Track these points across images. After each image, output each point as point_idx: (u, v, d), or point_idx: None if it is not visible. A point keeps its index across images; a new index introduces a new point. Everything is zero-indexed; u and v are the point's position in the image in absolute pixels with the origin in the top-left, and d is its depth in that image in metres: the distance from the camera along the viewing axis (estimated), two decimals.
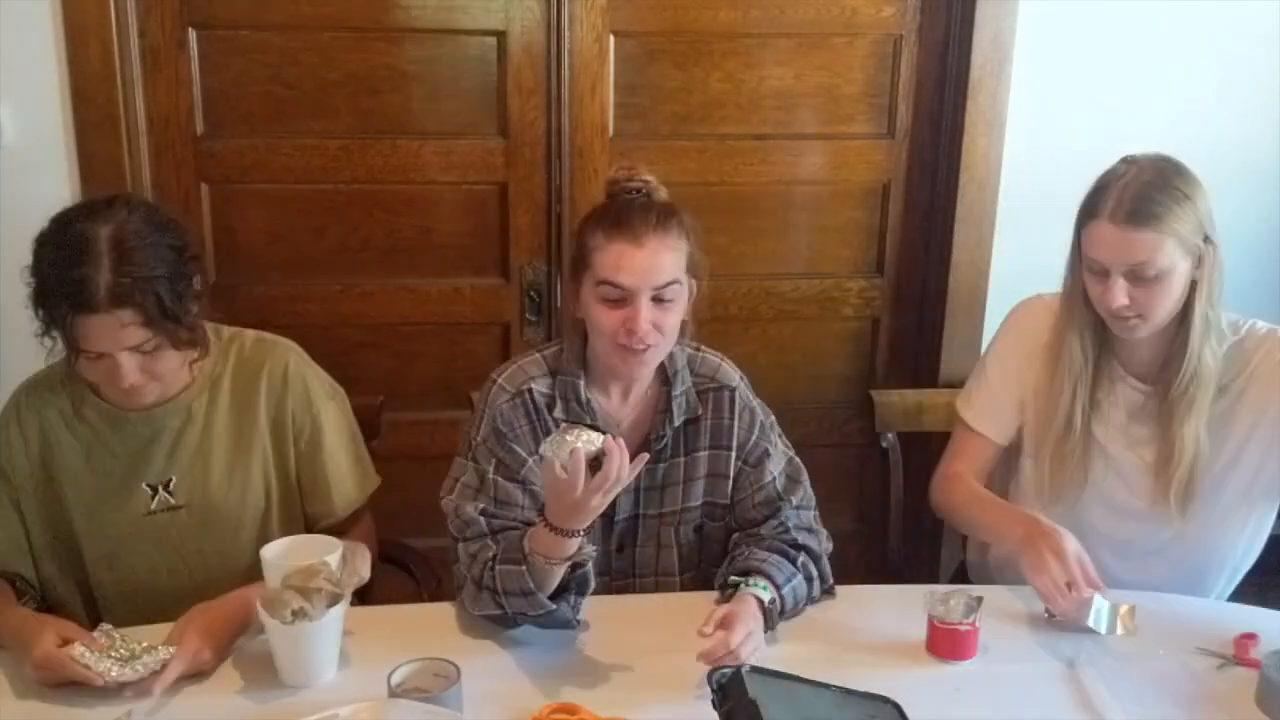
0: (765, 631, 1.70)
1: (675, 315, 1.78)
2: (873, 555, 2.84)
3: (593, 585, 1.70)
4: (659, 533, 1.90)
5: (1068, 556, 1.71)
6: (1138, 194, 1.75)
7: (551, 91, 2.59)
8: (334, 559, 1.57)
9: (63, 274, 1.57)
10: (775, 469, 1.91)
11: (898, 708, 1.52)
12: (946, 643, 1.68)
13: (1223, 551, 1.97)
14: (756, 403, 1.93)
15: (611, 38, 2.58)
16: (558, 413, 1.81)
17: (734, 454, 1.90)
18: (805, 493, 1.93)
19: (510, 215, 2.66)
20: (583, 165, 2.65)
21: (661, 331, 1.75)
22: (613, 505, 1.79)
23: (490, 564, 1.67)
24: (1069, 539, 1.73)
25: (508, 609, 1.66)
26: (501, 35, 2.55)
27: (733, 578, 1.77)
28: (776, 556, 1.80)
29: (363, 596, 1.81)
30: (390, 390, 2.25)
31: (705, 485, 1.91)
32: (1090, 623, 1.73)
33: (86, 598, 1.83)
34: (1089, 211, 1.79)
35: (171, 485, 1.78)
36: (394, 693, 1.46)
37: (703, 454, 1.89)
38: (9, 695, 1.54)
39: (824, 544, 1.89)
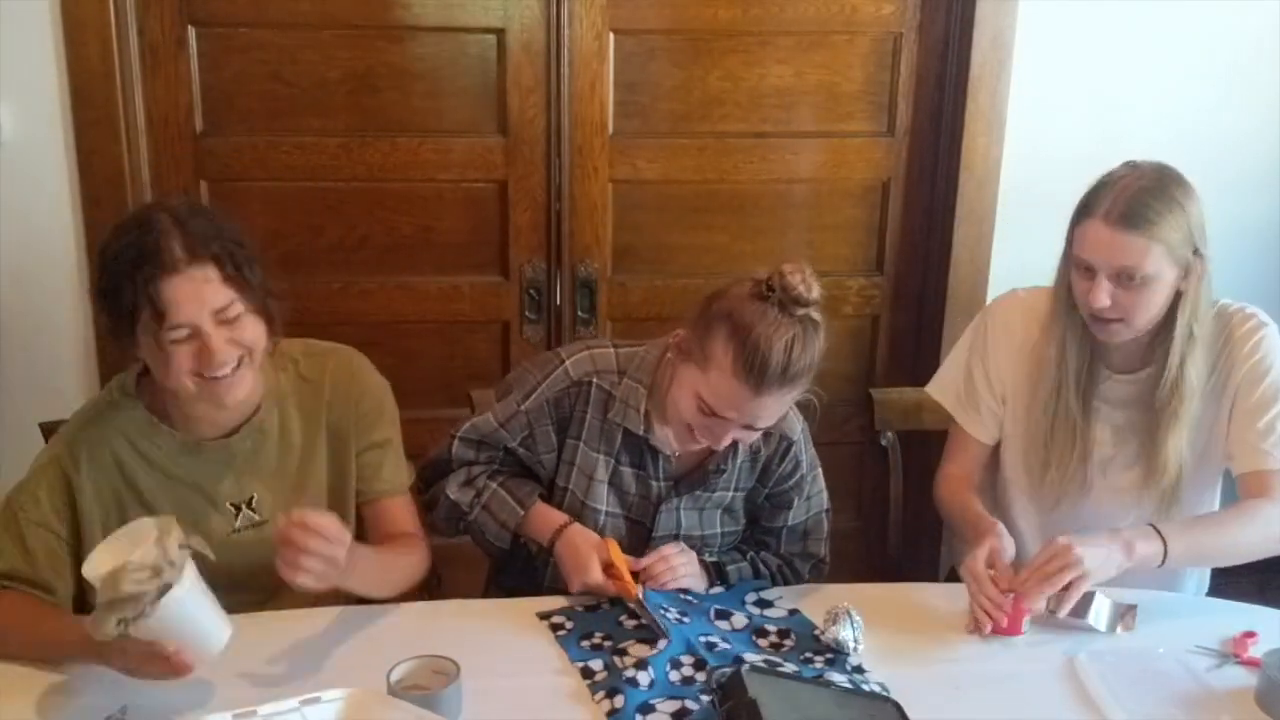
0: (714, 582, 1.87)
1: (759, 434, 1.80)
2: (872, 553, 2.85)
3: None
4: (701, 554, 1.91)
5: (973, 576, 1.73)
6: (1134, 197, 1.74)
7: (551, 89, 2.58)
8: (142, 550, 1.43)
9: (136, 245, 1.57)
10: (792, 519, 1.94)
11: (898, 707, 1.53)
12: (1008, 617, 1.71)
13: None
14: (807, 456, 1.94)
15: (611, 35, 2.58)
16: (613, 414, 1.83)
17: (766, 490, 1.93)
18: (806, 549, 1.97)
19: (510, 213, 2.66)
20: (582, 163, 2.64)
21: (739, 442, 1.79)
22: (652, 521, 1.88)
23: (489, 477, 1.89)
24: (974, 558, 1.75)
25: (472, 515, 1.89)
26: (501, 33, 2.54)
27: None
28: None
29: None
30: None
31: (743, 514, 1.95)
32: (1090, 621, 1.74)
33: None
34: (1084, 210, 1.79)
35: (254, 502, 1.76)
36: (393, 690, 1.46)
37: (750, 490, 1.93)
38: (7, 691, 1.54)
39: (794, 581, 1.94)
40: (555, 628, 1.72)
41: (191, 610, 1.45)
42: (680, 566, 1.80)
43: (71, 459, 1.68)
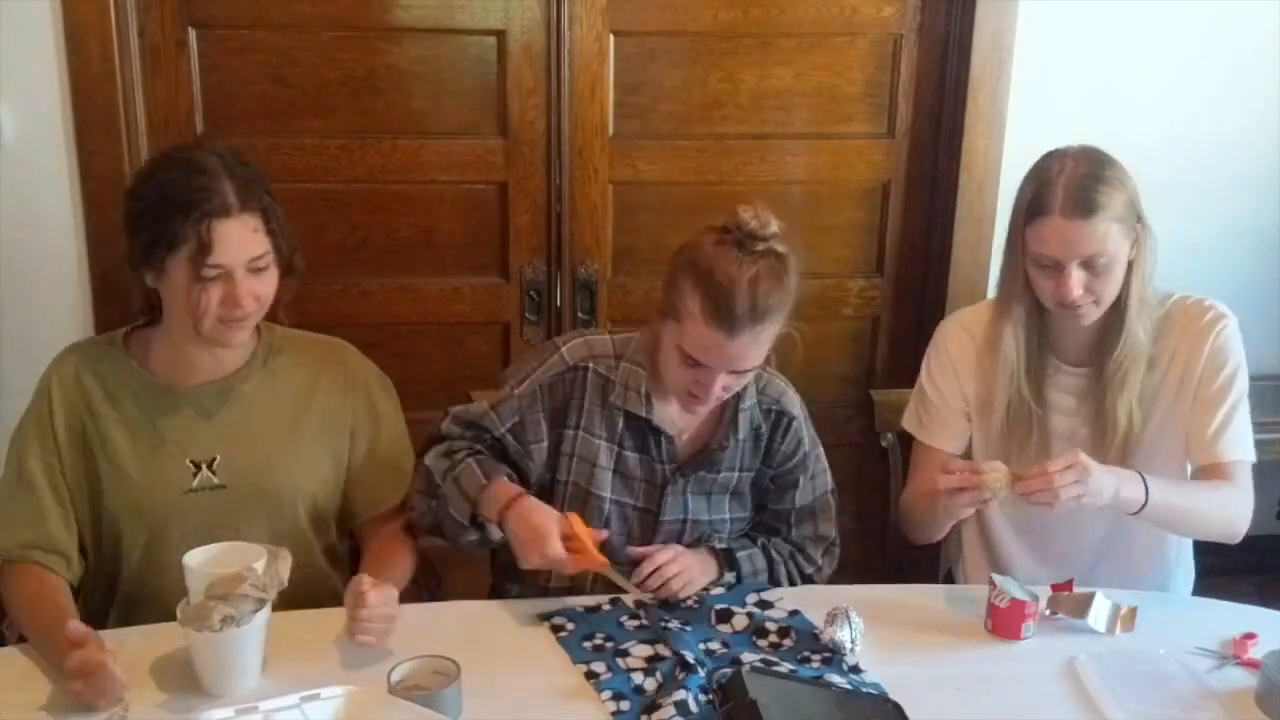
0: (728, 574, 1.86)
1: (750, 376, 1.79)
2: (871, 555, 2.84)
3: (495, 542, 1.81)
4: (710, 539, 1.90)
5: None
6: (1080, 186, 1.78)
7: (551, 91, 2.59)
8: (259, 565, 1.56)
9: (187, 184, 1.64)
10: (799, 500, 1.94)
11: (898, 708, 1.53)
12: (1006, 621, 1.73)
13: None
14: (808, 433, 1.95)
15: (611, 37, 2.58)
16: (614, 398, 1.82)
17: (770, 471, 1.93)
18: (817, 530, 1.97)
19: (510, 215, 2.66)
20: (582, 165, 2.65)
21: (730, 390, 1.78)
22: (659, 505, 1.86)
23: (469, 454, 1.81)
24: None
25: (444, 487, 1.79)
26: (501, 35, 2.55)
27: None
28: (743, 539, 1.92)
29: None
30: None
31: (750, 498, 1.94)
32: (1090, 622, 1.74)
33: (105, 595, 1.84)
34: (1034, 210, 1.82)
35: (215, 464, 1.79)
36: (394, 690, 1.47)
37: (754, 472, 1.92)
38: (9, 689, 1.54)
39: (807, 568, 1.94)
40: (556, 629, 1.72)
41: (263, 636, 1.55)
42: (676, 577, 1.76)
43: (49, 381, 1.78)
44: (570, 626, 1.72)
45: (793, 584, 1.91)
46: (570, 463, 1.85)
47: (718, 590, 1.84)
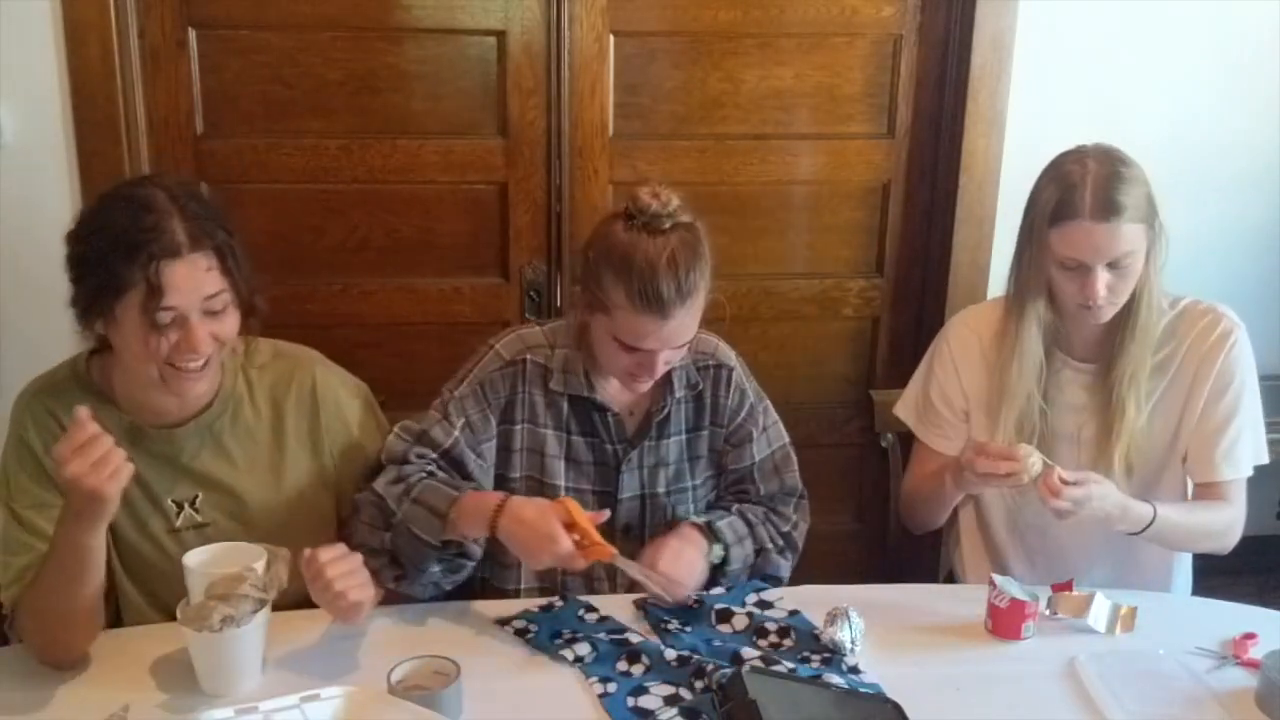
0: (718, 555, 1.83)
1: (688, 347, 1.79)
2: (872, 555, 2.85)
3: (462, 575, 1.78)
4: (673, 511, 1.90)
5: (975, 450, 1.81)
6: (1105, 188, 1.78)
7: (551, 91, 2.59)
8: (259, 565, 1.56)
9: (134, 224, 1.54)
10: (757, 454, 1.94)
11: (898, 708, 1.53)
12: (1006, 621, 1.73)
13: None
14: (751, 385, 1.95)
15: (611, 37, 2.58)
16: (554, 384, 1.83)
17: (723, 431, 1.92)
18: (784, 484, 1.96)
19: (510, 215, 2.66)
20: (583, 165, 2.65)
21: (670, 363, 1.78)
22: (616, 485, 1.85)
23: (422, 475, 1.74)
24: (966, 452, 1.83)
25: (400, 513, 1.70)
26: (501, 35, 2.55)
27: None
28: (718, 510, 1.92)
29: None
30: (390, 390, 2.25)
31: (707, 462, 1.93)
32: (1090, 623, 1.74)
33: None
34: (1061, 214, 1.80)
35: (197, 502, 1.75)
36: (394, 690, 1.47)
37: (705, 431, 1.92)
38: (9, 688, 1.54)
39: (784, 526, 1.93)
40: (521, 633, 1.71)
41: (263, 636, 1.56)
42: (679, 582, 1.74)
43: (25, 427, 1.68)
44: (533, 628, 1.72)
45: (775, 545, 1.90)
46: (521, 457, 1.85)
47: (717, 590, 1.84)
